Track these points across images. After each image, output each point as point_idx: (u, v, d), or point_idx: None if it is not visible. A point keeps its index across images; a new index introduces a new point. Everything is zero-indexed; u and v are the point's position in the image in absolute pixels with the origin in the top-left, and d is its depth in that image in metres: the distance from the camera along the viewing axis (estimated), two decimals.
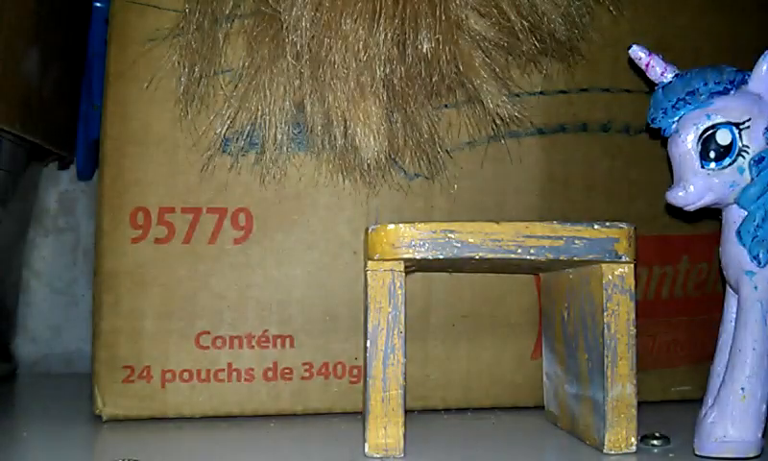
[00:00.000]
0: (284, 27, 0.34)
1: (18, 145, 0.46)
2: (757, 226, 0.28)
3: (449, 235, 0.29)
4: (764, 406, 0.28)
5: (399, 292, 0.29)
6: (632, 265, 0.30)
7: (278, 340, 0.37)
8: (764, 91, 0.29)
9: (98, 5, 0.49)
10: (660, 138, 0.31)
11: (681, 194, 0.28)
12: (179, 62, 0.35)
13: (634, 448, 0.30)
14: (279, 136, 0.35)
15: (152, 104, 0.36)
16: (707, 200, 0.29)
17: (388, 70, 0.34)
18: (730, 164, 0.28)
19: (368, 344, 0.29)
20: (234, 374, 0.37)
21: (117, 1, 0.37)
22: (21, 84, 0.43)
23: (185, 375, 0.36)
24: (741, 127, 0.28)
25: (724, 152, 0.28)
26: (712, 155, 0.28)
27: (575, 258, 0.30)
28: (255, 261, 0.37)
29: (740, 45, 0.41)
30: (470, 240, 0.29)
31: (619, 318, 0.30)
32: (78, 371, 0.52)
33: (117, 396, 0.36)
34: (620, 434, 0.30)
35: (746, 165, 0.28)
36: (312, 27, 0.33)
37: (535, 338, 0.39)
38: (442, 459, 0.30)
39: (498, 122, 0.36)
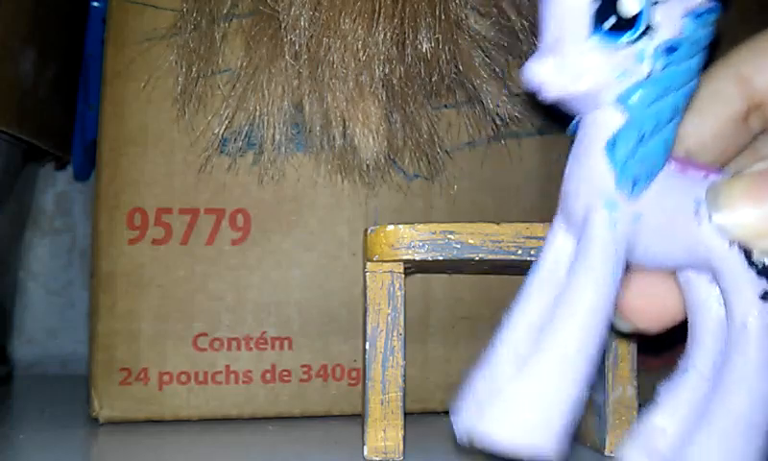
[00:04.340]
0: (283, 26, 0.33)
1: (14, 145, 0.45)
2: (642, 139, 0.19)
3: (449, 236, 0.29)
4: (581, 392, 0.19)
5: (399, 293, 0.29)
6: None
7: (277, 342, 0.37)
8: None
9: (95, 4, 0.49)
10: None
11: (549, 66, 0.19)
12: (176, 62, 0.35)
13: None
14: (278, 137, 0.35)
15: (149, 104, 0.36)
16: (582, 85, 0.19)
17: (387, 70, 0.33)
18: (629, 42, 0.19)
19: (367, 346, 0.29)
20: (232, 376, 0.36)
21: (114, 0, 0.37)
22: (17, 83, 0.43)
23: (183, 377, 0.36)
24: None
25: (625, 24, 0.19)
26: (609, 23, 0.19)
27: None
28: (253, 262, 0.37)
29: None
30: (470, 241, 0.29)
31: None
32: (74, 373, 0.52)
33: (114, 398, 0.35)
34: (621, 436, 0.30)
35: (648, 52, 0.19)
36: (311, 26, 0.33)
37: None
38: None
39: (498, 122, 0.36)
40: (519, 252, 0.29)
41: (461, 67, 0.34)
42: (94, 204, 0.36)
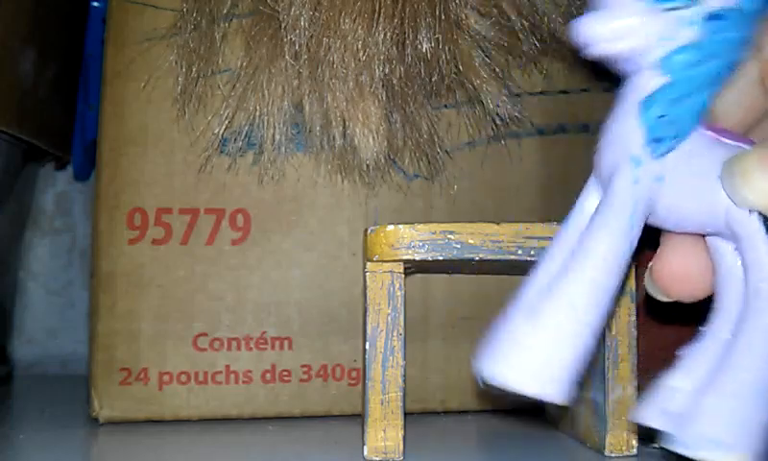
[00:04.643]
0: (282, 26, 0.33)
1: (14, 145, 0.45)
2: (676, 100, 0.20)
3: (449, 236, 0.29)
4: (592, 339, 0.19)
5: (399, 294, 0.29)
6: (632, 266, 0.30)
7: (277, 342, 0.37)
8: None
9: (95, 4, 0.49)
10: None
11: (598, 24, 0.20)
12: (176, 62, 0.35)
13: (635, 450, 0.30)
14: (278, 137, 0.35)
15: (149, 104, 0.36)
16: (626, 44, 0.20)
17: (387, 70, 0.33)
18: (677, 8, 0.19)
19: (367, 346, 0.29)
20: (232, 376, 0.36)
21: (114, 0, 0.37)
22: (17, 83, 0.43)
23: (183, 377, 0.36)
24: None
25: None
26: None
27: None
28: (253, 262, 0.37)
29: None
30: (470, 241, 0.29)
31: (620, 320, 0.30)
32: (74, 373, 0.52)
33: (114, 398, 0.35)
34: (621, 436, 0.30)
35: (694, 19, 0.20)
36: (311, 26, 0.33)
37: None
38: None
39: (498, 122, 0.36)
40: (519, 252, 0.29)
41: (461, 67, 0.34)
42: (94, 204, 0.36)
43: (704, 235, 0.22)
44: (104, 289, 0.36)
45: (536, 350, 0.19)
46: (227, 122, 0.35)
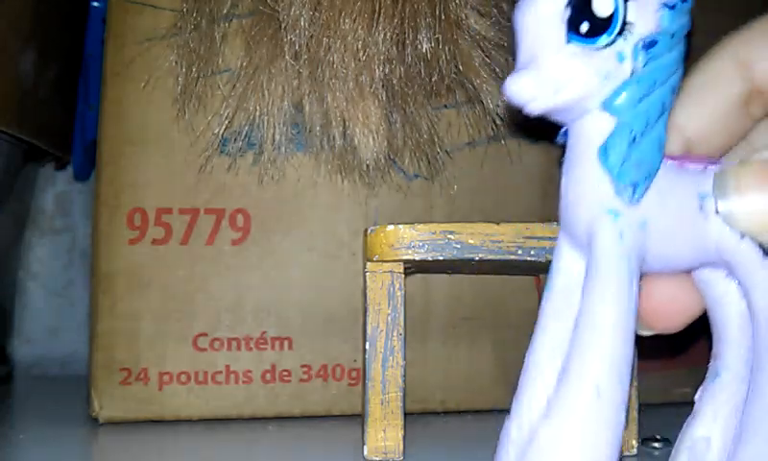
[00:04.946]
0: (282, 27, 0.33)
1: (14, 145, 0.45)
2: (634, 140, 0.18)
3: (449, 236, 0.29)
4: (623, 417, 0.18)
5: (399, 294, 0.29)
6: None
7: (277, 342, 0.37)
8: None
9: (95, 4, 0.49)
10: None
11: (528, 81, 0.18)
12: (176, 62, 0.35)
13: (635, 450, 0.30)
14: (278, 137, 0.35)
15: (149, 104, 0.36)
16: (566, 95, 0.18)
17: (387, 70, 0.33)
18: (607, 45, 0.18)
19: (367, 346, 0.29)
20: (232, 376, 0.36)
21: (114, 0, 0.37)
22: (17, 83, 0.43)
23: (183, 377, 0.36)
24: None
25: (601, 25, 0.18)
26: (585, 27, 0.18)
27: None
28: (253, 263, 0.37)
29: None
30: (470, 241, 0.29)
31: None
32: (74, 373, 0.52)
33: (114, 398, 0.35)
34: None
35: (628, 51, 0.18)
36: (311, 26, 0.33)
37: None
38: None
39: (498, 122, 0.36)
40: (519, 252, 0.29)
41: (461, 67, 0.34)
42: (94, 204, 0.36)
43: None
44: (104, 289, 0.36)
45: (569, 445, 0.17)
46: (227, 122, 0.35)
